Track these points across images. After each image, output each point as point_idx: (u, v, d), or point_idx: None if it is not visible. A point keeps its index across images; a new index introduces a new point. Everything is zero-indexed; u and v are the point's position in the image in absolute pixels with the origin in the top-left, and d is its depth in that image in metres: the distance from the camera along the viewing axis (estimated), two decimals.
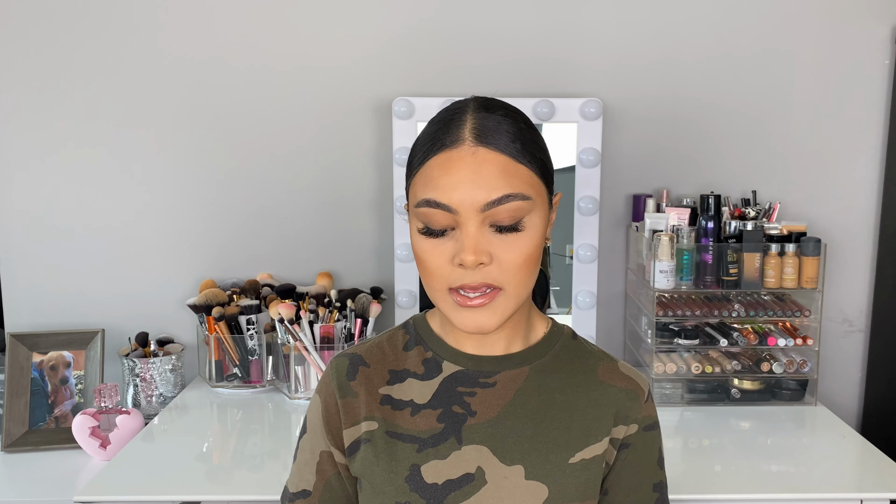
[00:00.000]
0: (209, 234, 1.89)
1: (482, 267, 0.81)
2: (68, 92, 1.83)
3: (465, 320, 0.83)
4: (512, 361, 0.91)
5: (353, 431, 0.90)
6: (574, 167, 1.78)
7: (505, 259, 0.81)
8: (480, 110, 0.84)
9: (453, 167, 0.80)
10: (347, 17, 1.82)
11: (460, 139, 0.82)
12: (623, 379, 0.93)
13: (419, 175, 0.84)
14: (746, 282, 1.67)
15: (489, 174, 0.80)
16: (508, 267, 0.82)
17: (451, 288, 0.82)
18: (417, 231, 0.84)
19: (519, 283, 0.83)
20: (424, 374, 0.91)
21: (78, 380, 1.78)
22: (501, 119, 0.83)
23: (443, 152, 0.82)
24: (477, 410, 0.89)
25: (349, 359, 0.93)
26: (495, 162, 0.81)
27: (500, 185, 0.80)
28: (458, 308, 0.83)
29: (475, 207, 0.80)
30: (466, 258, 0.80)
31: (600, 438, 0.89)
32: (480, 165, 0.80)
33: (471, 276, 0.81)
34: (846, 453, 1.49)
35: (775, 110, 1.84)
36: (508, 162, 0.81)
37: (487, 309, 0.82)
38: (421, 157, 0.84)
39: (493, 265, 0.81)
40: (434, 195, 0.81)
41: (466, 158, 0.80)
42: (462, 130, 0.82)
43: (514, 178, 0.81)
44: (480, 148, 0.81)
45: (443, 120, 0.85)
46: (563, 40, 1.82)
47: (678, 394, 1.70)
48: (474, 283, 0.81)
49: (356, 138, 1.86)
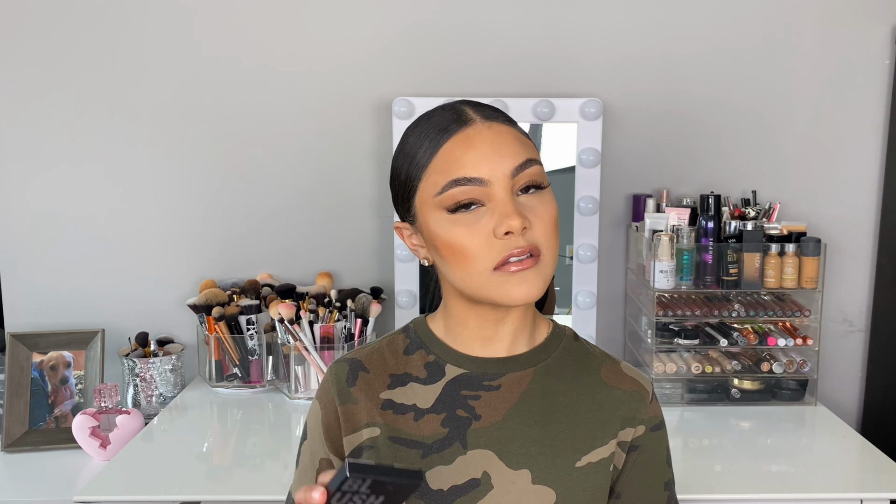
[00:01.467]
0: (209, 235, 1.89)
1: (525, 231, 0.82)
2: (68, 92, 1.83)
3: (515, 290, 0.82)
4: (516, 363, 0.90)
5: (353, 438, 0.89)
6: (574, 167, 1.78)
7: (537, 222, 0.83)
8: (473, 104, 0.87)
9: (474, 142, 0.82)
10: (347, 17, 1.82)
11: (469, 118, 0.84)
12: (627, 381, 0.92)
13: (435, 163, 0.83)
14: (746, 282, 1.67)
15: (509, 142, 0.83)
16: (543, 229, 0.83)
17: (495, 266, 0.82)
18: (450, 222, 0.83)
19: (552, 247, 0.84)
20: (427, 378, 0.90)
21: (78, 380, 1.78)
22: (496, 109, 0.88)
23: (458, 132, 0.83)
24: (482, 414, 0.87)
25: (349, 364, 0.92)
26: (510, 132, 0.84)
27: (520, 151, 0.83)
28: (505, 282, 0.82)
29: (505, 174, 0.82)
30: (513, 223, 0.80)
31: (606, 441, 0.88)
32: (498, 135, 0.83)
33: (516, 241, 0.81)
34: (846, 453, 1.49)
35: (775, 110, 1.84)
36: (518, 134, 0.85)
37: (532, 273, 0.82)
38: (430, 147, 0.84)
39: (530, 230, 0.82)
40: (462, 172, 0.82)
41: (485, 132, 0.83)
42: (466, 113, 0.85)
43: (528, 146, 0.85)
44: (493, 123, 0.84)
45: (435, 115, 0.87)
46: (563, 40, 1.82)
47: (678, 394, 1.70)
48: (522, 247, 0.81)
49: (356, 138, 1.86)
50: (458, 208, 0.82)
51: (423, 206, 0.85)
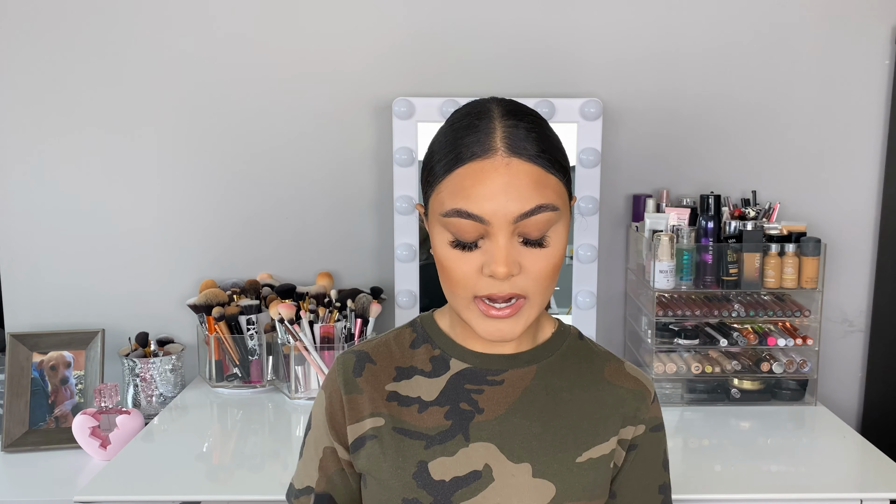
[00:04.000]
0: (209, 234, 1.89)
1: (511, 278, 0.81)
2: (69, 92, 1.83)
3: (490, 328, 0.83)
4: (520, 360, 0.92)
5: (357, 427, 0.90)
6: (574, 167, 1.78)
7: (533, 270, 0.82)
8: (508, 117, 0.83)
9: (486, 178, 0.79)
10: (347, 17, 1.82)
11: (492, 149, 0.80)
12: (630, 379, 0.93)
13: (447, 182, 0.82)
14: (746, 282, 1.67)
15: (522, 185, 0.79)
16: (536, 277, 0.82)
17: (477, 296, 0.83)
18: (447, 242, 0.83)
19: (543, 292, 0.84)
20: (432, 372, 0.91)
21: (78, 380, 1.78)
22: (530, 128, 0.83)
23: (474, 161, 0.80)
24: (484, 408, 0.89)
25: (356, 355, 0.93)
26: (528, 173, 0.80)
27: (532, 196, 0.80)
28: (482, 317, 0.83)
29: (508, 219, 0.79)
30: (498, 270, 0.79)
31: (608, 438, 0.90)
32: (514, 177, 0.79)
33: (499, 286, 0.81)
34: (846, 453, 1.49)
35: (775, 110, 1.84)
36: (539, 172, 0.81)
37: (512, 318, 0.83)
38: (448, 163, 0.82)
39: (520, 275, 0.81)
40: (465, 205, 0.80)
41: (501, 169, 0.79)
42: (493, 139, 0.81)
43: (545, 189, 0.81)
44: (514, 159, 0.80)
45: (469, 126, 0.83)
46: (563, 40, 1.82)
47: (678, 394, 1.70)
48: (503, 293, 0.81)
49: (356, 138, 1.86)
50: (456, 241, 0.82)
51: (432, 213, 0.85)
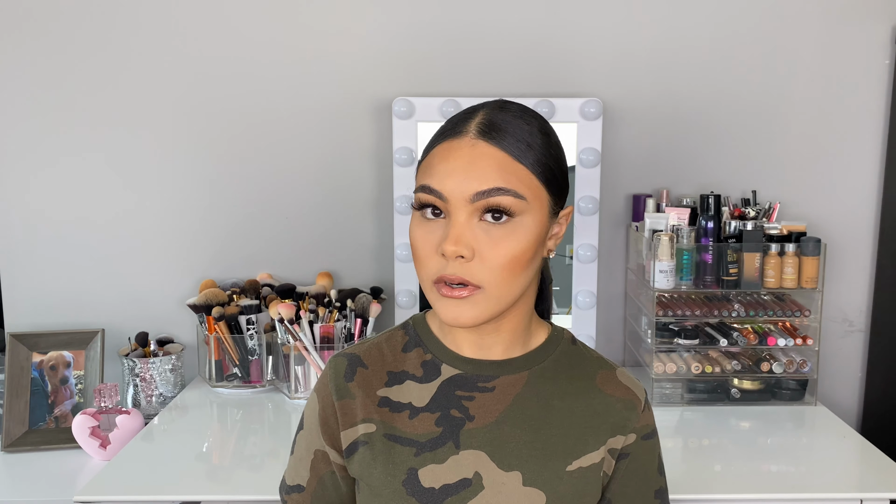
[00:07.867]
0: (209, 234, 1.89)
1: (462, 261, 0.81)
2: (68, 91, 1.83)
3: (445, 310, 0.83)
4: (511, 366, 0.90)
5: (350, 433, 0.90)
6: (574, 167, 1.78)
7: (488, 256, 0.81)
8: (495, 109, 0.85)
9: (451, 156, 0.82)
10: (347, 17, 1.82)
11: (464, 131, 0.83)
12: (620, 388, 0.92)
13: (423, 163, 0.86)
14: (746, 282, 1.67)
15: (484, 166, 0.81)
16: (491, 265, 0.81)
17: (434, 280, 0.83)
18: (415, 218, 0.85)
19: (500, 284, 0.82)
20: (423, 377, 0.91)
21: (78, 380, 1.78)
22: (512, 119, 0.84)
23: (445, 142, 0.84)
24: (475, 415, 0.88)
25: (347, 359, 0.92)
26: (493, 156, 0.81)
27: (492, 177, 0.80)
28: (440, 298, 0.83)
29: (465, 197, 0.80)
30: (447, 247, 0.80)
31: (597, 447, 0.89)
32: (478, 157, 0.81)
33: (451, 267, 0.81)
34: (846, 453, 1.49)
35: (775, 110, 1.84)
36: (507, 159, 0.82)
37: (466, 303, 0.82)
38: (427, 147, 0.87)
39: (474, 261, 0.81)
40: (429, 181, 0.82)
41: (465, 149, 0.82)
42: (469, 124, 0.84)
43: (509, 175, 0.81)
44: (480, 142, 0.82)
45: (457, 116, 0.87)
46: (563, 40, 1.82)
47: (678, 394, 1.70)
48: (454, 275, 0.81)
49: (356, 138, 1.86)
50: (421, 206, 0.84)
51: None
